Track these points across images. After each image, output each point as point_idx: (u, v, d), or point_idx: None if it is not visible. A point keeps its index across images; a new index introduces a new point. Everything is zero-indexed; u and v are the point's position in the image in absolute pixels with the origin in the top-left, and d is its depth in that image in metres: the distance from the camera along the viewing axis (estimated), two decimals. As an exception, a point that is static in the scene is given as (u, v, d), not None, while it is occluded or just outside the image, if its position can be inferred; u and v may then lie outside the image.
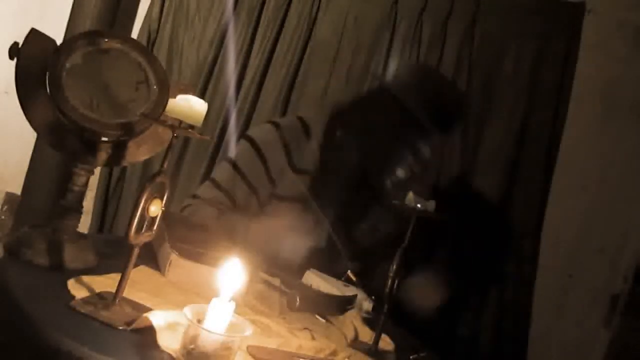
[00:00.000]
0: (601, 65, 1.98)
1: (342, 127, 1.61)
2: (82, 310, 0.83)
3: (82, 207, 1.06)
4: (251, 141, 1.62)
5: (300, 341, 0.95)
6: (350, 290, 1.29)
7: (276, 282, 1.19)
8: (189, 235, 1.25)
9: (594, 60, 1.98)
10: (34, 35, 1.02)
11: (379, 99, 1.62)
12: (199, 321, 0.77)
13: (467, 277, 1.97)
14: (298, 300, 1.09)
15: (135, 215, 0.83)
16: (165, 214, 0.89)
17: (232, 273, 0.81)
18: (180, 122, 0.85)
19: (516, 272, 1.98)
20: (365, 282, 1.38)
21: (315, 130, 1.63)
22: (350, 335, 1.10)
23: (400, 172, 1.57)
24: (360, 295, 1.29)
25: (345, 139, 1.59)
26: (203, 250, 1.18)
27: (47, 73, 1.00)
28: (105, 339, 0.78)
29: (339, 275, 1.41)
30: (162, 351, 0.78)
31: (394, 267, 1.06)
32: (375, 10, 2.14)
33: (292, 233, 1.51)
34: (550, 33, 2.00)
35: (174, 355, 0.78)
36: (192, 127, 0.86)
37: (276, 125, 1.64)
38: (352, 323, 1.15)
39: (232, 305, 0.77)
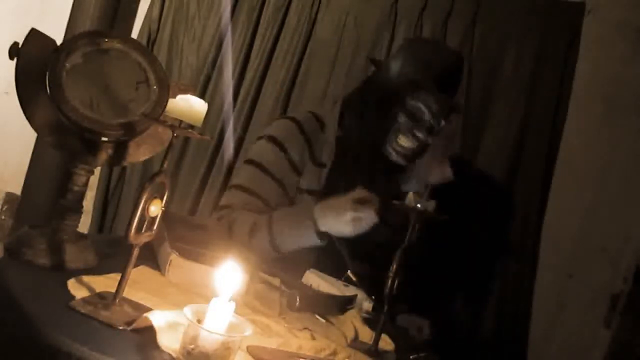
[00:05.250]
0: (601, 65, 1.98)
1: (350, 115, 1.59)
2: (82, 310, 0.83)
3: (82, 207, 1.06)
4: (269, 137, 1.58)
5: (300, 341, 0.95)
6: (350, 290, 1.29)
7: (276, 282, 1.19)
8: (189, 235, 1.25)
9: (594, 60, 1.98)
10: (34, 35, 1.02)
11: (376, 77, 1.62)
12: (199, 321, 0.77)
13: (467, 277, 1.97)
14: (298, 300, 1.09)
15: (135, 215, 0.83)
16: (165, 214, 0.89)
17: (231, 273, 0.81)
18: (180, 122, 0.85)
19: (516, 272, 1.98)
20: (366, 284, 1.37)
21: (329, 123, 1.61)
22: (350, 335, 1.10)
23: (403, 141, 1.53)
24: (360, 295, 1.29)
25: (354, 124, 1.57)
26: (203, 250, 1.18)
27: (47, 73, 1.00)
28: (105, 339, 0.78)
29: (339, 275, 1.41)
30: (162, 351, 0.78)
31: (394, 267, 1.06)
32: (375, 10, 2.13)
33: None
34: (550, 33, 1.99)
35: (174, 355, 0.78)
36: (192, 127, 0.86)
37: (293, 119, 1.61)
38: (352, 323, 1.15)
39: (232, 305, 0.77)
